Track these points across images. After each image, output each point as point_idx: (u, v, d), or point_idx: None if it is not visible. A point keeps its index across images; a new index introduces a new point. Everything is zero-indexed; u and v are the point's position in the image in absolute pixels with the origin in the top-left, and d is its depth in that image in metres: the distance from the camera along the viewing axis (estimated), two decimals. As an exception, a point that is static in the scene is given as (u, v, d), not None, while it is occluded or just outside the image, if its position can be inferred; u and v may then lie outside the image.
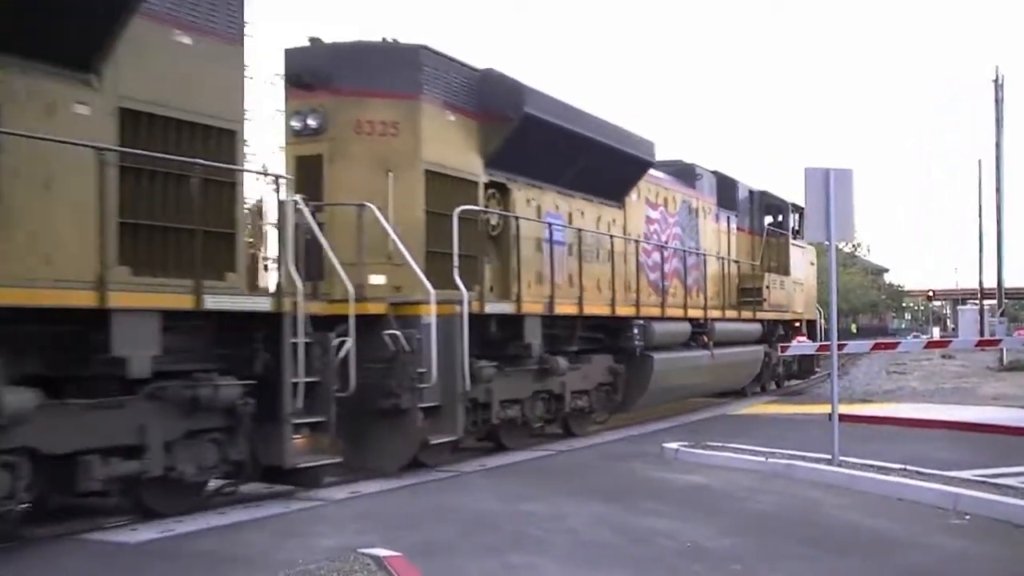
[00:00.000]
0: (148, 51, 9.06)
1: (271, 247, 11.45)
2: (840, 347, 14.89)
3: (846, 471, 11.43)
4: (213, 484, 10.01)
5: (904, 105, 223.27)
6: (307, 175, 11.86)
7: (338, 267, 11.19)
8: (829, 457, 11.92)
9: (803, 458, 12.36)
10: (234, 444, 9.77)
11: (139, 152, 8.89)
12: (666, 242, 19.57)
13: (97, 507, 9.54)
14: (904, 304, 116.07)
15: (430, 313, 11.92)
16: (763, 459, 12.55)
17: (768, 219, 25.74)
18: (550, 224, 15.25)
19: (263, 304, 10.09)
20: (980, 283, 46.96)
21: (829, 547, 8.22)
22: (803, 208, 18.99)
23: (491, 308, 13.54)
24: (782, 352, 22.22)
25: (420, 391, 11.76)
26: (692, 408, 21.10)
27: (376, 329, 11.54)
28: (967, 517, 9.37)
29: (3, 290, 7.66)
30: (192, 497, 9.73)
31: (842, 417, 12.63)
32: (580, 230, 16.13)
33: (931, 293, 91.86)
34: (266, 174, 11.59)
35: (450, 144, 13.35)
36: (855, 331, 75.52)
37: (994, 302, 41.04)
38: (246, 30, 10.35)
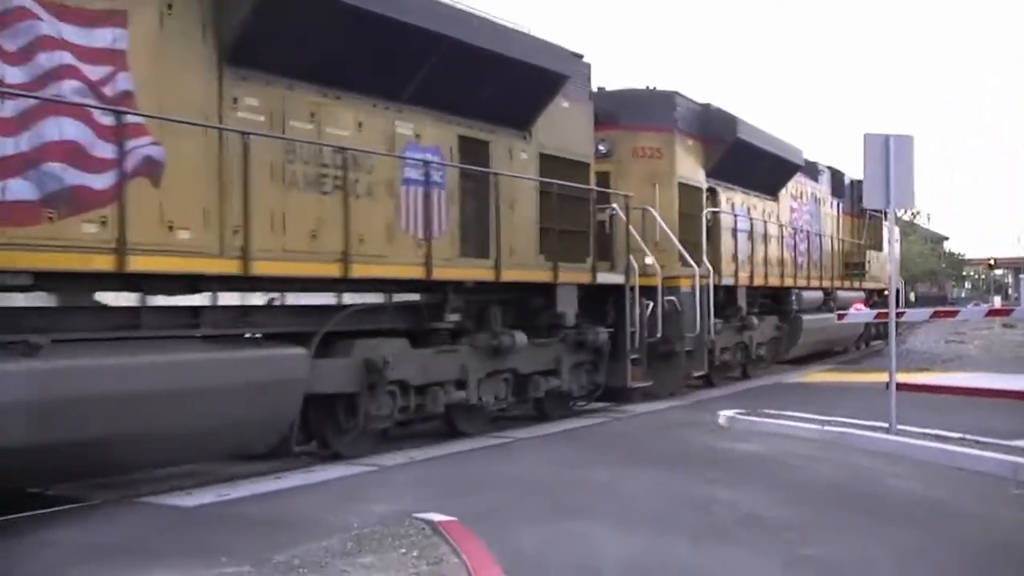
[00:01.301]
0: (550, 115, 13.69)
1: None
2: (899, 315, 14.68)
3: (904, 440, 11.33)
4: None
5: (965, 67, 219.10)
6: (597, 187, 15.41)
7: (648, 253, 15.98)
8: (886, 426, 11.81)
9: (860, 426, 12.27)
10: (597, 372, 14.90)
11: (551, 181, 13.53)
12: (801, 227, 24.20)
13: (156, 475, 9.70)
14: (964, 273, 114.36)
15: (690, 284, 17.02)
16: (819, 427, 12.46)
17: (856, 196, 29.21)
18: (751, 219, 20.76)
19: (620, 279, 15.06)
20: (1043, 251, 46.08)
21: (886, 517, 8.13)
22: None
23: (725, 281, 18.84)
24: (839, 320, 22.14)
25: (685, 339, 16.85)
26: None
27: (650, 296, 15.91)
28: (1028, 487, 9.25)
29: (507, 271, 12.52)
30: (567, 407, 14.74)
31: (900, 386, 12.50)
32: (766, 222, 21.56)
33: (992, 261, 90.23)
34: (618, 194, 15.55)
35: (689, 163, 18.28)
36: (914, 299, 74.51)
37: (1057, 270, 40.29)
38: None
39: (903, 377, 15.16)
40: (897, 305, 28.32)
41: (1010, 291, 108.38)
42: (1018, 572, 6.57)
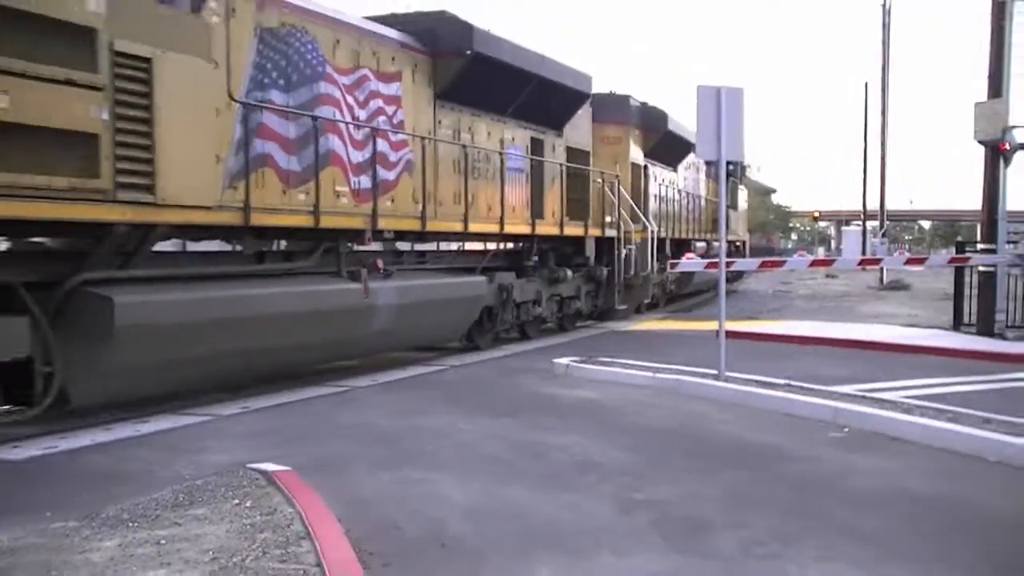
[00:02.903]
0: (573, 120, 19.66)
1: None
2: (728, 264, 15.10)
3: (732, 386, 11.68)
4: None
5: (794, 26, 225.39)
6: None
7: (624, 215, 21.75)
8: (716, 373, 12.16)
9: (691, 374, 12.59)
10: (598, 297, 21.49)
11: (572, 165, 19.58)
12: (690, 193, 30.05)
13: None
14: (791, 224, 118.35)
15: (642, 237, 22.73)
16: (652, 374, 12.74)
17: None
18: (667, 188, 26.79)
19: (614, 233, 21.27)
20: (863, 204, 48.02)
21: (716, 460, 8.40)
22: (740, 163, 33.96)
23: (662, 234, 25.03)
24: (671, 268, 22.90)
25: (639, 276, 22.60)
26: (582, 325, 21.35)
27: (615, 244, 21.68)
28: (846, 430, 9.67)
29: (567, 228, 19.13)
30: (574, 323, 21.01)
31: (729, 334, 12.86)
32: (677, 190, 28.05)
33: (817, 214, 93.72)
34: (612, 174, 21.48)
35: (636, 148, 24.03)
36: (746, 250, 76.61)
37: (877, 223, 42.10)
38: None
39: (732, 325, 15.63)
40: (747, 254, 34.83)
41: (833, 242, 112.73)
42: (836, 506, 6.87)
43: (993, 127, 17.45)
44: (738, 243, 37.24)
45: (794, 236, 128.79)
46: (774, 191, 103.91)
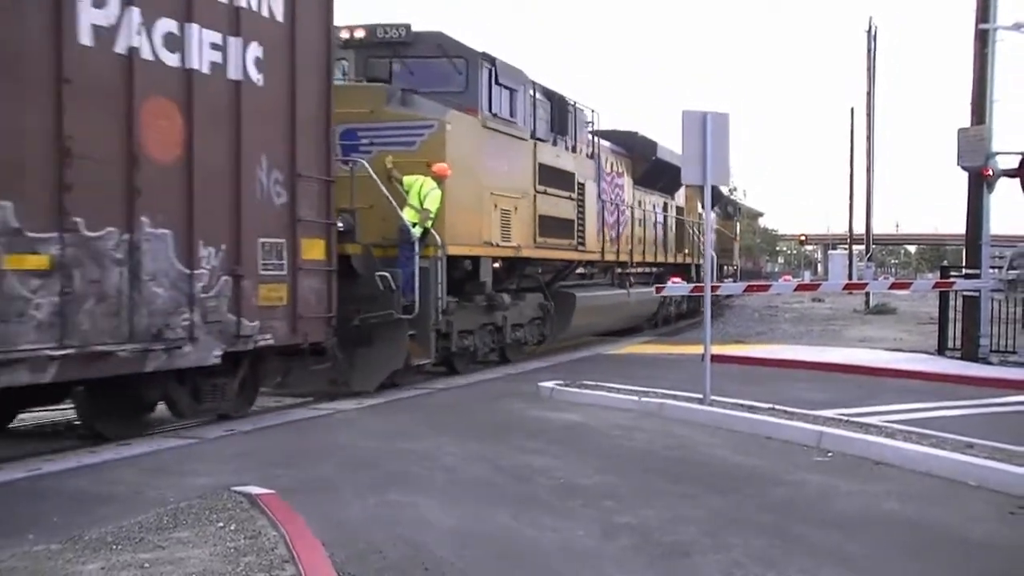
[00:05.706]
0: (680, 189, 28.95)
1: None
2: (714, 289, 15.17)
3: (717, 410, 11.71)
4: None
5: (782, 51, 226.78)
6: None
7: (702, 249, 28.03)
8: (701, 397, 12.19)
9: (676, 397, 12.61)
10: (691, 302, 30.01)
11: (681, 218, 30.06)
12: (718, 230, 36.92)
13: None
14: (778, 248, 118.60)
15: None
16: (637, 398, 12.76)
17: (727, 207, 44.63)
18: (713, 228, 34.39)
19: (702, 260, 25.19)
20: (850, 228, 48.19)
21: (700, 484, 8.42)
22: (734, 200, 47.03)
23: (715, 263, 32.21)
24: (657, 292, 23.05)
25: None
26: (571, 348, 21.42)
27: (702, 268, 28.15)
28: (830, 454, 9.71)
29: (688, 258, 30.51)
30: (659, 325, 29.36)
31: (714, 358, 12.90)
32: (714, 229, 34.77)
33: (803, 238, 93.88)
34: (695, 223, 31.03)
35: (700, 202, 29.57)
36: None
37: (863, 247, 42.25)
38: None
39: (718, 349, 15.67)
40: (738, 278, 41.08)
41: (819, 266, 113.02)
42: (819, 530, 6.91)
43: (976, 153, 17.58)
44: (734, 266, 46.90)
45: (781, 259, 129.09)
46: (761, 214, 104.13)
